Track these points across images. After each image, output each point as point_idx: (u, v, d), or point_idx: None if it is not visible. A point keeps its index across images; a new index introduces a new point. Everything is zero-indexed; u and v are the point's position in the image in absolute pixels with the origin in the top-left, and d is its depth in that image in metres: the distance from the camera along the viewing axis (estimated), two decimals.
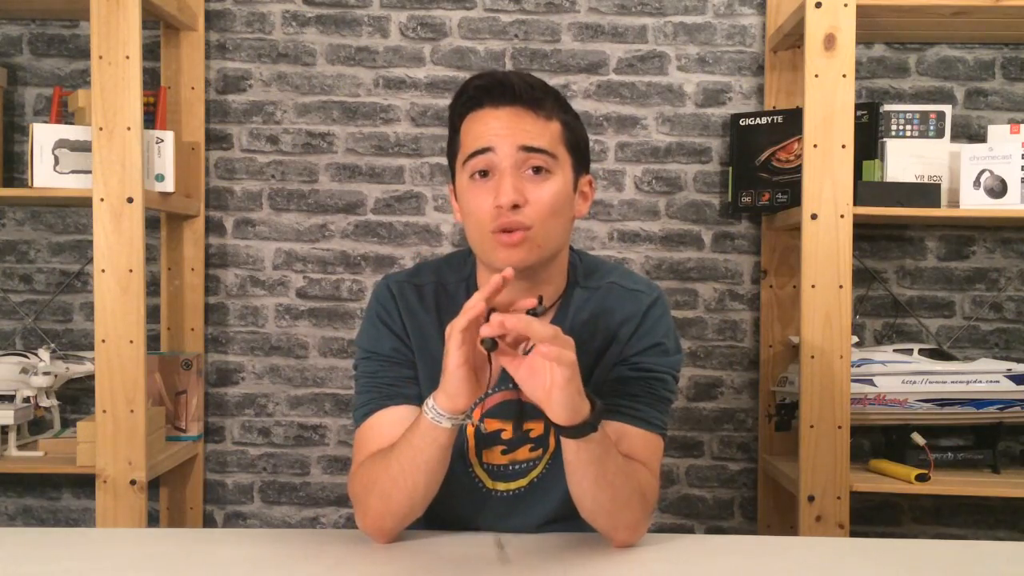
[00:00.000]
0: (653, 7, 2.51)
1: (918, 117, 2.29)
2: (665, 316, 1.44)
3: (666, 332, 1.42)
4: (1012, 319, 2.51)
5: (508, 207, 1.30)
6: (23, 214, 2.56)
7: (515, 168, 1.32)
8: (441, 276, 1.47)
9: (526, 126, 1.33)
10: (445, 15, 2.52)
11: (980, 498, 2.47)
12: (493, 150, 1.32)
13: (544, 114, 1.34)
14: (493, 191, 1.31)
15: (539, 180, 1.33)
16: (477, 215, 1.33)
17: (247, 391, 2.55)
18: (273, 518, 2.56)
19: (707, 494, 2.54)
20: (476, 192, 1.33)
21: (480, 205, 1.33)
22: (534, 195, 1.32)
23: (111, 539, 1.54)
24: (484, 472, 1.44)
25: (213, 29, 2.53)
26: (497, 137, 1.32)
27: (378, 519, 1.33)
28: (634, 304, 1.42)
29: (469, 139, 1.35)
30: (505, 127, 1.32)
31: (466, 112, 1.37)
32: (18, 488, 2.58)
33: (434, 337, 1.41)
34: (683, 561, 1.31)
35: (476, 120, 1.35)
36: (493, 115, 1.33)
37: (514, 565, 1.27)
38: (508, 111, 1.33)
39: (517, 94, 1.33)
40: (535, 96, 1.34)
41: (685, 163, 2.52)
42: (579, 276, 1.45)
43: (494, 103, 1.34)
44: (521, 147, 1.32)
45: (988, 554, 1.42)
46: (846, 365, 2.10)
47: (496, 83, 1.34)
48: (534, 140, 1.32)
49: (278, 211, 2.54)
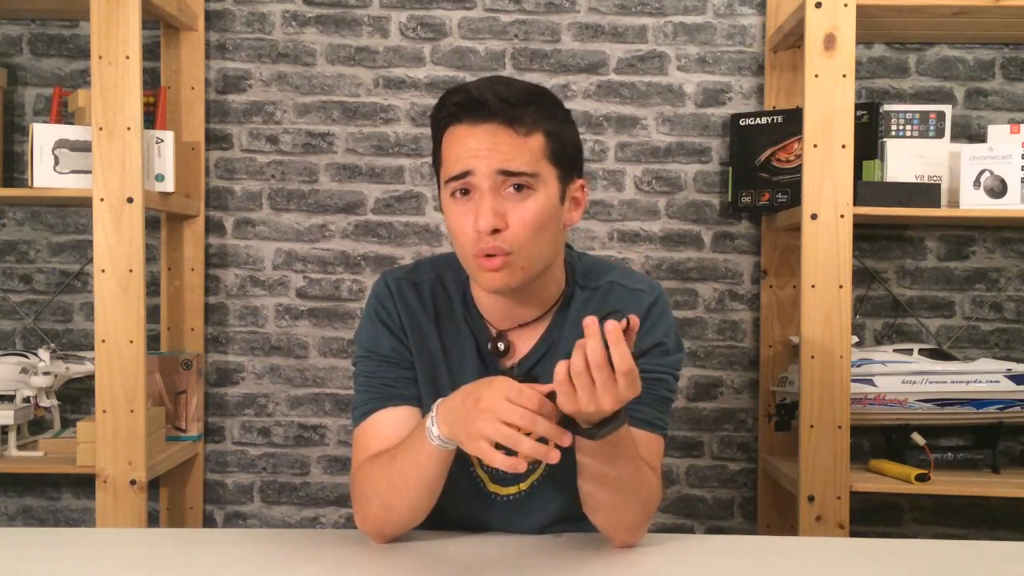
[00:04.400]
0: (653, 7, 2.51)
1: (918, 117, 2.29)
2: (666, 315, 1.43)
3: (667, 331, 1.41)
4: (1012, 319, 2.51)
5: (487, 232, 1.27)
6: (23, 214, 2.56)
7: (494, 189, 1.29)
8: (440, 274, 1.46)
9: (504, 147, 1.29)
10: (445, 15, 2.52)
11: (980, 498, 2.47)
12: (472, 173, 1.29)
13: (523, 130, 1.30)
14: (473, 211, 1.29)
15: (521, 198, 1.30)
16: (459, 236, 1.32)
17: (247, 391, 2.55)
18: (273, 518, 2.56)
19: (707, 494, 2.54)
20: (457, 212, 1.32)
21: (462, 226, 1.31)
22: (515, 216, 1.29)
23: (111, 539, 1.54)
24: (485, 474, 1.44)
25: (213, 29, 2.53)
26: (475, 159, 1.29)
27: (378, 525, 1.34)
28: (635, 304, 1.40)
29: (449, 158, 1.32)
30: (483, 147, 1.29)
31: (445, 127, 1.34)
32: (18, 488, 2.58)
33: (432, 337, 1.41)
34: (683, 561, 1.31)
35: (455, 138, 1.32)
36: (471, 133, 1.30)
37: (514, 565, 1.27)
38: (485, 129, 1.29)
39: (493, 112, 1.29)
40: (512, 114, 1.29)
41: (685, 163, 2.52)
42: (578, 277, 1.44)
43: (471, 120, 1.30)
44: (499, 171, 1.28)
45: (988, 554, 1.42)
46: (846, 365, 2.09)
47: (472, 100, 1.30)
48: (511, 163, 1.29)
49: (278, 211, 2.54)
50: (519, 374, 1.37)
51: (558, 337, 1.40)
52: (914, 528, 2.53)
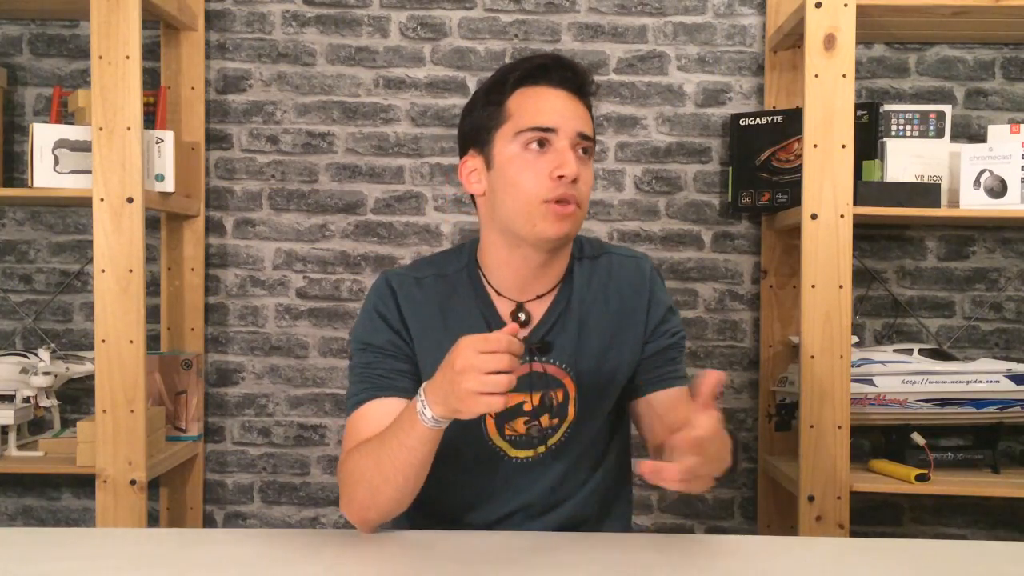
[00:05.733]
0: (653, 7, 2.51)
1: (918, 117, 2.29)
2: (660, 278, 1.54)
3: (666, 293, 1.54)
4: (1012, 319, 2.51)
5: (573, 177, 1.36)
6: (23, 214, 2.56)
7: (573, 148, 1.39)
8: (440, 267, 1.51)
9: (580, 113, 1.41)
10: (445, 15, 2.52)
11: (980, 498, 2.47)
12: (556, 131, 1.38)
13: (586, 103, 1.43)
14: (550, 163, 1.37)
15: (586, 161, 1.41)
16: (530, 183, 1.38)
17: (247, 391, 2.56)
18: (273, 518, 2.56)
19: (707, 494, 2.54)
20: (531, 162, 1.38)
21: (537, 173, 1.37)
22: (584, 175, 1.40)
23: (111, 539, 1.54)
24: (506, 442, 1.47)
25: (213, 29, 2.53)
26: (561, 118, 1.38)
27: (363, 510, 1.36)
28: (637, 271, 1.51)
29: (527, 112, 1.39)
30: (567, 108, 1.39)
31: (519, 85, 1.41)
32: (18, 488, 2.58)
33: (437, 326, 1.45)
34: (683, 561, 1.31)
35: (533, 96, 1.40)
36: (553, 94, 1.40)
37: (514, 565, 1.27)
38: (564, 94, 1.40)
39: (573, 81, 1.41)
40: (586, 87, 1.43)
41: (685, 163, 2.52)
42: (574, 250, 1.51)
43: (552, 83, 1.40)
44: (579, 133, 1.39)
45: (988, 554, 1.42)
46: (846, 365, 2.09)
47: (558, 64, 1.41)
48: (587, 128, 1.41)
49: (278, 211, 2.54)
50: (534, 342, 1.44)
51: (566, 309, 1.47)
52: (914, 528, 2.53)
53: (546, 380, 1.45)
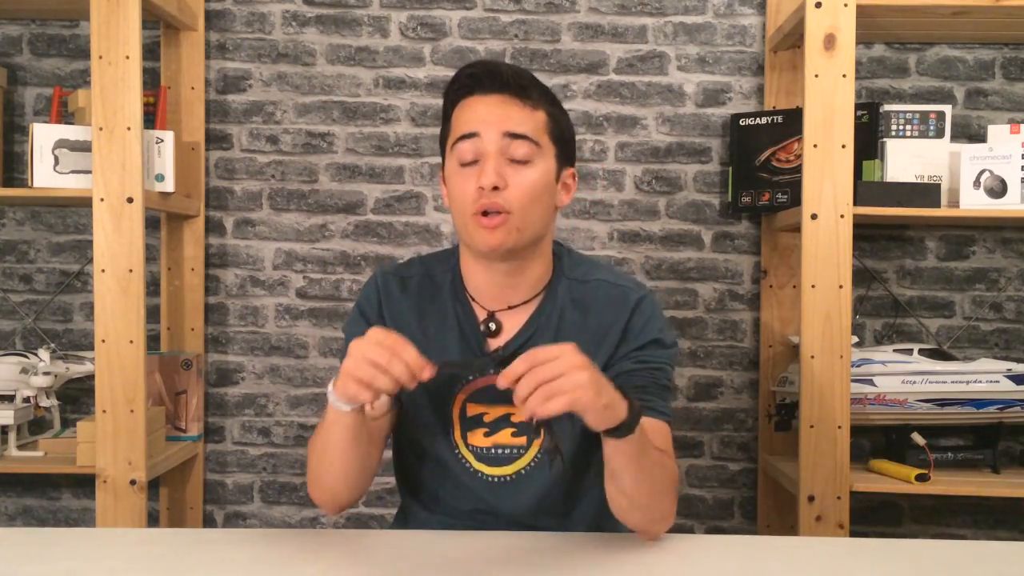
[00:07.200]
0: (653, 7, 2.51)
1: (918, 117, 2.29)
2: (656, 312, 1.48)
3: (660, 328, 1.47)
4: (1012, 319, 2.51)
5: (489, 188, 1.35)
6: (23, 214, 2.56)
7: (499, 154, 1.37)
8: (429, 268, 1.52)
9: (512, 113, 1.38)
10: (445, 15, 2.52)
11: (980, 498, 2.47)
12: (479, 135, 1.37)
13: (531, 103, 1.39)
14: (477, 176, 1.37)
15: (521, 167, 1.38)
16: (461, 198, 1.39)
17: (247, 391, 2.55)
18: (273, 518, 2.56)
19: (707, 494, 2.54)
20: (462, 177, 1.39)
21: (464, 189, 1.38)
22: (515, 180, 1.37)
23: (111, 539, 1.54)
24: (470, 453, 1.47)
25: (213, 29, 2.53)
26: (483, 123, 1.37)
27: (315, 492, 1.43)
28: (622, 299, 1.46)
29: (458, 123, 1.41)
30: (492, 113, 1.38)
31: (457, 100, 1.42)
32: (18, 488, 2.58)
33: (411, 324, 1.46)
34: (683, 561, 1.31)
35: (465, 107, 1.41)
36: (481, 102, 1.39)
37: (514, 565, 1.27)
38: (496, 98, 1.39)
39: (504, 81, 1.38)
40: (522, 84, 1.39)
41: (685, 163, 2.52)
42: (564, 267, 1.49)
43: (483, 90, 1.40)
44: (506, 133, 1.37)
45: (988, 554, 1.42)
46: (846, 365, 2.09)
47: (485, 71, 1.40)
48: (518, 127, 1.37)
49: (278, 211, 2.54)
50: (504, 355, 1.42)
51: (544, 323, 1.45)
52: (914, 528, 2.53)
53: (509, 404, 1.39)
